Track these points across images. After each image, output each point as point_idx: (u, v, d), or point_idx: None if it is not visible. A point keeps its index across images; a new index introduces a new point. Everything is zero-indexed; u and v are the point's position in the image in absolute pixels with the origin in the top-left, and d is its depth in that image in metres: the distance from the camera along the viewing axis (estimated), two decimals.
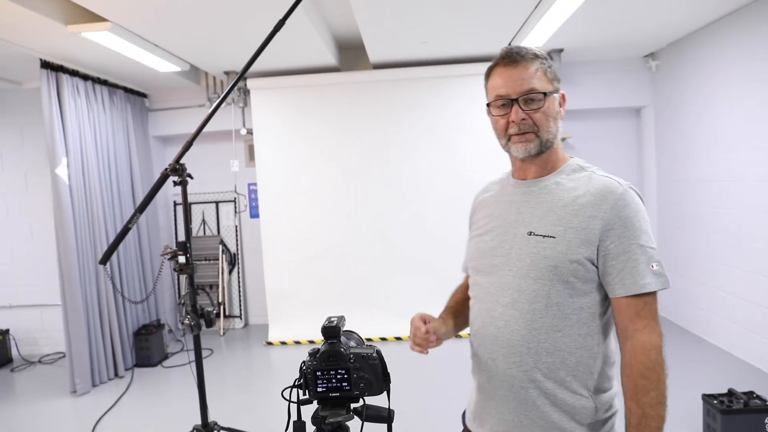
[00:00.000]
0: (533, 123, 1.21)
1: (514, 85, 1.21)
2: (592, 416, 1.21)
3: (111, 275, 4.48)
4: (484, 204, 1.41)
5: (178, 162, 2.56)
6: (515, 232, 1.26)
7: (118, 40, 3.57)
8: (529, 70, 1.21)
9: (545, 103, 1.22)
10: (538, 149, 1.24)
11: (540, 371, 1.20)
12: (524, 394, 1.21)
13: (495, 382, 1.26)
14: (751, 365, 3.92)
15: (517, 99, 1.21)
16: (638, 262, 1.15)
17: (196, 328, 2.59)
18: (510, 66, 1.23)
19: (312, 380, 1.14)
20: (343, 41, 4.97)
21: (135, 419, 3.63)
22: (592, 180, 1.24)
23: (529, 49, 1.24)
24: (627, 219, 1.17)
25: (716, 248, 4.35)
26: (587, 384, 1.21)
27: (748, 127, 3.88)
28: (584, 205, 1.19)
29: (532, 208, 1.26)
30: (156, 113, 5.61)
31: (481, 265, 1.32)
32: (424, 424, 3.16)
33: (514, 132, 1.23)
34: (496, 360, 1.25)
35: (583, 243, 1.17)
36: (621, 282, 1.16)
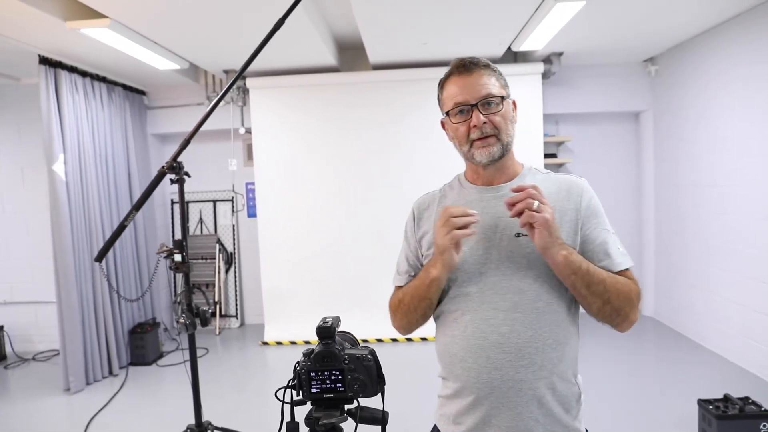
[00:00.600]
0: (494, 126, 1.27)
1: (472, 91, 1.27)
2: (577, 401, 1.28)
3: (107, 273, 4.46)
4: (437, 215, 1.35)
5: (175, 160, 2.55)
6: (500, 236, 1.26)
7: (117, 37, 3.57)
8: (484, 77, 1.28)
9: (503, 106, 1.28)
10: (500, 152, 1.28)
11: (546, 369, 1.22)
12: (532, 394, 1.21)
13: (500, 390, 1.22)
14: (746, 371, 3.91)
15: (476, 104, 1.26)
16: (610, 245, 1.27)
17: (191, 327, 2.58)
18: (465, 74, 1.29)
19: (306, 381, 1.13)
20: (343, 41, 4.96)
21: (129, 418, 3.61)
22: (553, 179, 1.33)
23: (481, 59, 1.31)
24: (595, 207, 1.29)
25: (713, 253, 4.35)
26: (574, 370, 1.29)
27: (747, 132, 3.89)
28: (559, 200, 1.27)
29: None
30: (155, 111, 5.60)
31: (466, 274, 1.27)
32: (418, 427, 3.15)
33: (476, 137, 1.27)
34: (502, 368, 1.21)
35: (569, 234, 1.25)
36: (600, 264, 1.24)
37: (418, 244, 1.42)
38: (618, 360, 4.31)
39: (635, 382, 3.91)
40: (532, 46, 4.38)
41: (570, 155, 5.59)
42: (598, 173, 5.59)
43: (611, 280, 1.20)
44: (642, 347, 4.74)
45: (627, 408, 3.45)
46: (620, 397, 3.62)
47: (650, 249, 5.48)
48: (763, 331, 3.76)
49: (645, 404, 3.49)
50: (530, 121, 5.00)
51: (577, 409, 1.27)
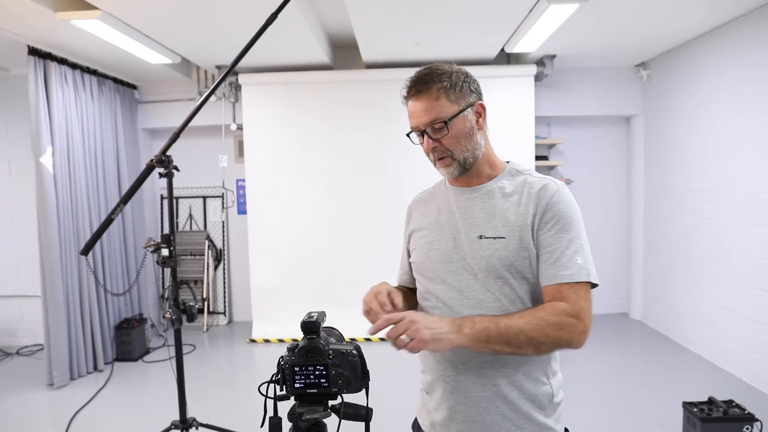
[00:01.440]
0: (445, 148, 1.27)
1: (420, 117, 1.27)
2: (550, 400, 1.27)
3: (94, 267, 4.42)
4: (422, 214, 1.43)
5: (164, 153, 2.52)
6: (465, 236, 1.29)
7: (108, 29, 3.53)
8: (430, 100, 1.25)
9: (449, 128, 1.26)
10: (459, 170, 1.30)
11: (511, 366, 1.24)
12: (496, 390, 1.24)
13: (465, 385, 1.26)
14: (731, 375, 3.95)
15: (425, 131, 1.27)
16: (563, 254, 1.20)
17: (178, 323, 2.56)
18: (414, 98, 1.28)
19: (290, 376, 1.12)
20: (336, 39, 4.95)
21: (112, 414, 3.57)
22: (528, 182, 1.30)
23: (433, 74, 1.26)
24: (559, 213, 1.23)
25: (700, 258, 4.38)
26: (545, 370, 1.28)
27: (735, 139, 3.92)
28: (524, 204, 1.26)
29: (479, 212, 1.30)
30: (145, 105, 5.55)
31: (434, 272, 1.33)
32: (403, 426, 3.15)
33: (433, 159, 1.31)
34: (468, 363, 1.25)
35: (530, 239, 1.24)
36: (545, 272, 1.22)
37: (407, 241, 1.48)
38: (605, 362, 4.33)
39: (622, 384, 3.93)
40: (525, 48, 4.39)
41: (561, 158, 5.61)
42: (588, 176, 5.62)
43: (531, 325, 1.14)
44: (629, 350, 4.76)
45: (612, 409, 3.46)
46: (606, 399, 3.63)
47: (639, 253, 5.51)
48: (748, 335, 3.79)
49: (630, 406, 3.51)
50: (522, 123, 5.01)
51: (551, 408, 1.27)
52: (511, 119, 4.93)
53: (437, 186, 1.48)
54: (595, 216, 5.50)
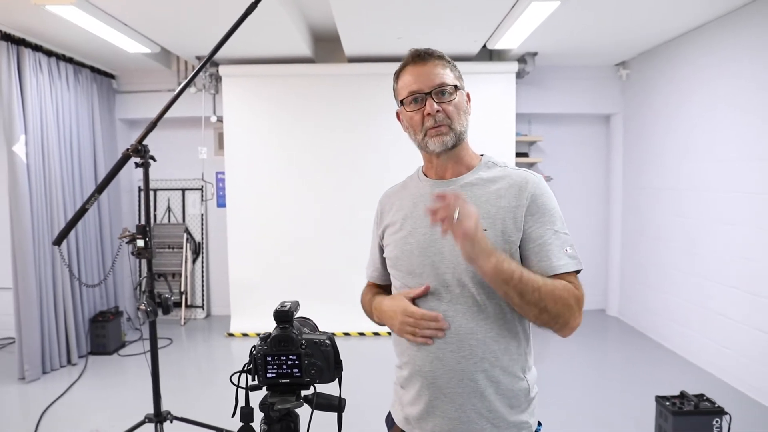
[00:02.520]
0: (446, 115, 1.27)
1: (426, 80, 1.27)
2: (527, 396, 1.28)
3: (69, 259, 4.33)
4: (397, 208, 1.40)
5: (140, 143, 2.47)
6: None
7: (85, 15, 3.46)
8: (438, 67, 1.29)
9: (456, 96, 1.28)
10: (454, 141, 1.28)
11: (488, 361, 1.23)
12: (473, 386, 1.23)
13: (442, 381, 1.24)
14: (702, 369, 4.03)
15: (430, 92, 1.27)
16: (552, 245, 1.22)
17: (153, 315, 2.51)
18: (420, 64, 1.29)
19: (262, 365, 1.11)
20: (318, 32, 4.92)
21: (85, 408, 3.52)
22: (507, 173, 1.31)
23: (435, 50, 1.32)
24: (543, 206, 1.25)
25: (674, 256, 4.46)
26: (522, 365, 1.28)
27: (711, 139, 3.99)
28: (506, 197, 1.26)
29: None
30: (124, 95, 5.46)
31: (412, 266, 1.30)
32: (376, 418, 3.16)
33: (430, 125, 1.27)
34: (444, 358, 1.24)
35: (513, 231, 1.24)
36: (538, 264, 1.22)
37: (380, 238, 1.46)
38: (580, 358, 4.38)
39: (597, 380, 3.98)
40: (507, 44, 4.41)
41: (541, 155, 5.66)
42: (568, 174, 5.67)
43: (547, 287, 1.15)
44: (605, 346, 4.83)
45: (587, 404, 3.51)
46: (580, 394, 3.68)
47: (616, 250, 5.59)
48: (719, 331, 3.87)
49: (605, 401, 3.56)
50: (503, 120, 5.04)
51: (526, 403, 1.28)
52: (493, 115, 4.95)
53: (409, 179, 1.46)
54: (573, 213, 5.56)
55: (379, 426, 1.52)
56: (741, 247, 3.66)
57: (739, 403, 3.37)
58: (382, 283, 1.52)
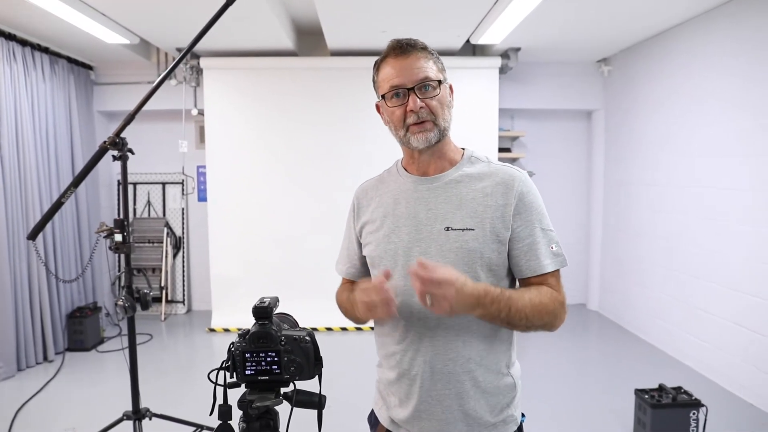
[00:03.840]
0: (430, 111, 1.22)
1: (409, 74, 1.21)
2: (513, 391, 1.28)
3: (45, 254, 4.24)
4: (376, 205, 1.35)
5: (118, 135, 2.42)
6: (430, 229, 1.24)
7: (60, 4, 3.37)
8: (421, 60, 1.23)
9: (440, 90, 1.23)
10: (437, 137, 1.24)
11: (474, 361, 1.22)
12: (460, 387, 1.22)
13: (429, 383, 1.23)
14: (681, 362, 4.09)
15: (413, 88, 1.21)
16: (540, 244, 1.23)
17: (131, 310, 2.47)
18: (402, 57, 1.23)
19: (240, 362, 1.09)
20: (301, 25, 4.87)
21: (62, 406, 3.45)
22: (492, 169, 1.28)
23: (418, 41, 1.26)
24: (530, 204, 1.24)
25: (653, 251, 4.52)
26: (506, 361, 1.28)
27: (691, 135, 4.04)
28: (493, 195, 1.23)
29: (443, 203, 1.25)
30: (102, 87, 5.35)
31: (395, 266, 1.26)
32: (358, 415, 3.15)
33: (412, 121, 1.22)
34: (431, 361, 1.22)
35: (500, 230, 1.22)
36: (527, 263, 1.22)
37: (358, 234, 1.40)
38: (561, 352, 4.42)
39: (577, 374, 4.02)
40: (490, 39, 4.41)
41: (524, 150, 5.68)
42: (550, 169, 5.71)
43: (534, 308, 1.16)
44: (585, 340, 4.88)
45: (567, 398, 3.54)
46: (561, 388, 3.71)
47: (597, 245, 5.65)
48: (698, 325, 3.93)
49: (585, 394, 3.60)
50: (486, 115, 5.05)
51: (511, 397, 1.28)
52: (476, 111, 4.95)
53: (387, 174, 1.40)
54: (555, 208, 5.59)
55: (361, 423, 1.51)
56: (720, 242, 3.71)
57: (715, 396, 3.44)
58: (358, 281, 1.45)
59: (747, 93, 3.45)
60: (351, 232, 1.44)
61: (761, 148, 3.34)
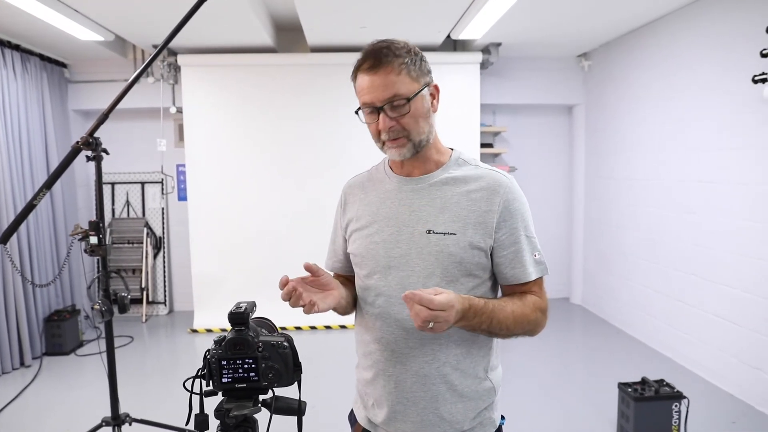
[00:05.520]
0: (402, 127, 1.18)
1: (377, 93, 1.16)
2: (491, 396, 1.27)
3: (20, 257, 4.14)
4: (361, 203, 1.34)
5: (91, 135, 2.36)
6: (411, 231, 1.22)
7: (31, 1, 3.27)
8: (391, 75, 1.16)
9: (411, 106, 1.17)
10: (412, 152, 1.21)
11: (450, 364, 1.22)
12: (436, 391, 1.21)
13: (405, 385, 1.22)
14: (663, 355, 4.13)
15: (382, 107, 1.17)
16: (525, 252, 1.22)
17: (107, 314, 2.42)
18: (371, 72, 1.17)
19: (217, 370, 1.06)
20: (280, 21, 4.80)
21: (40, 411, 3.38)
22: (479, 173, 1.25)
23: (391, 48, 1.18)
24: (515, 211, 1.22)
25: (636, 244, 4.55)
26: (485, 366, 1.27)
27: (670, 129, 4.07)
28: (477, 200, 1.21)
29: (426, 205, 1.23)
30: (77, 85, 5.24)
31: (376, 266, 1.26)
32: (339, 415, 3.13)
33: (385, 138, 1.20)
34: (407, 363, 1.22)
35: (483, 236, 1.20)
36: (512, 271, 1.22)
37: (344, 230, 1.39)
38: (544, 346, 4.44)
39: (561, 368, 4.05)
40: (471, 35, 4.40)
41: (506, 145, 5.69)
42: (532, 164, 5.72)
43: (514, 320, 1.17)
44: (568, 334, 4.91)
45: (550, 392, 3.56)
46: (544, 382, 3.73)
47: (579, 239, 5.68)
48: (680, 317, 3.97)
49: (568, 388, 3.62)
50: (468, 111, 5.03)
51: (489, 401, 1.27)
52: (457, 106, 4.94)
53: (375, 171, 1.38)
54: (537, 204, 5.61)
55: (343, 421, 1.49)
56: (700, 235, 3.75)
57: (697, 387, 3.48)
58: (345, 274, 1.45)
59: (725, 87, 3.48)
60: (338, 226, 1.43)
61: (739, 142, 3.37)
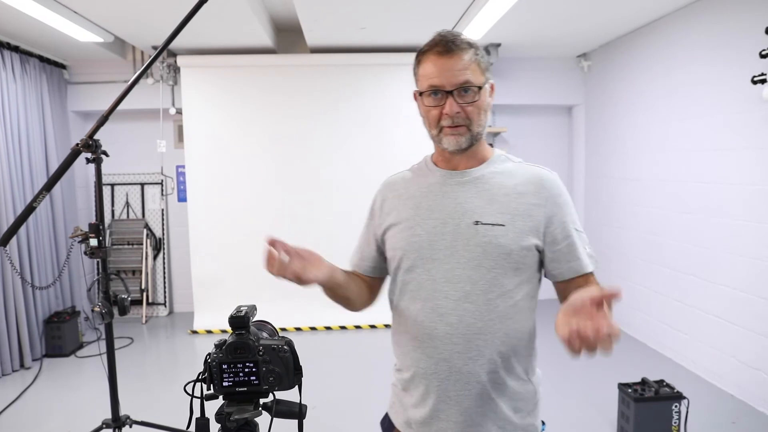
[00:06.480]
0: (466, 116, 1.18)
1: (450, 76, 1.16)
2: (534, 398, 1.27)
3: (20, 259, 4.13)
4: (402, 204, 1.31)
5: (91, 137, 2.36)
6: (457, 222, 1.21)
7: (30, 2, 3.27)
8: (464, 61, 1.16)
9: (479, 96, 1.18)
10: (469, 142, 1.21)
11: (495, 362, 1.19)
12: (480, 389, 1.19)
13: (448, 383, 1.19)
14: (663, 355, 4.14)
15: (452, 91, 1.16)
16: (577, 245, 1.22)
17: (108, 316, 2.42)
18: (444, 55, 1.17)
19: (217, 374, 1.06)
20: (280, 22, 4.81)
21: (40, 413, 3.38)
22: (524, 168, 1.26)
23: (463, 38, 1.19)
24: (564, 205, 1.23)
25: (635, 244, 4.56)
26: (526, 367, 1.25)
27: (666, 130, 4.07)
28: (525, 194, 1.21)
29: (474, 197, 1.22)
30: (76, 86, 5.23)
31: (418, 258, 1.23)
32: (343, 418, 3.12)
33: (446, 124, 1.19)
34: (450, 359, 1.19)
35: (531, 230, 1.19)
36: (568, 265, 1.21)
37: (379, 229, 1.35)
38: (544, 346, 4.40)
39: (560, 369, 4.04)
40: (470, 35, 4.38)
41: (506, 146, 5.69)
42: None
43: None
44: None
45: (550, 393, 3.55)
46: (544, 382, 3.72)
47: None
48: (679, 317, 3.97)
49: (568, 388, 3.61)
50: None
51: (532, 405, 1.26)
52: None
53: (417, 169, 1.36)
54: None
55: (343, 422, 1.49)
56: (700, 235, 3.75)
57: (696, 387, 3.48)
58: (362, 273, 1.41)
59: (724, 87, 3.48)
60: (370, 225, 1.40)
61: (739, 142, 3.37)
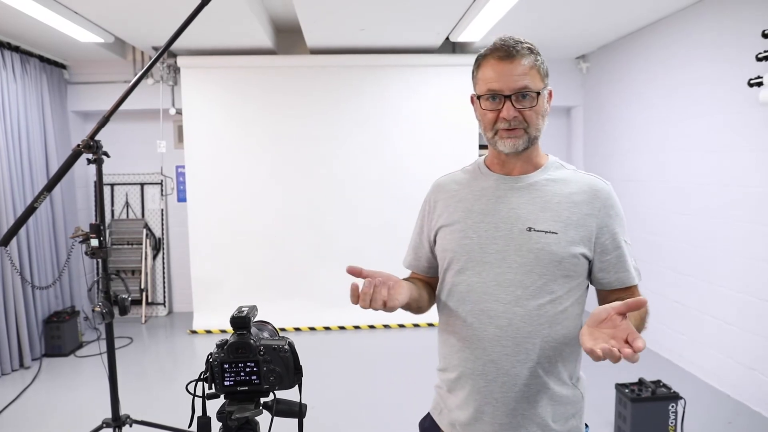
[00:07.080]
0: (523, 119, 1.19)
1: (509, 81, 1.18)
2: (579, 404, 1.28)
3: (20, 259, 4.15)
4: (454, 207, 1.31)
5: (92, 138, 2.37)
6: (510, 227, 1.22)
7: (30, 2, 3.28)
8: (523, 66, 1.18)
9: (537, 101, 1.20)
10: (525, 145, 1.22)
11: (542, 366, 1.20)
12: (526, 391, 1.20)
13: (495, 385, 1.21)
14: (660, 356, 4.16)
15: (510, 96, 1.18)
16: (626, 257, 1.25)
17: (108, 316, 2.43)
18: (505, 60, 1.18)
19: (219, 373, 1.07)
20: (280, 23, 4.82)
21: (40, 413, 3.39)
22: (578, 177, 1.28)
23: (524, 43, 1.21)
24: (615, 216, 1.25)
25: (634, 245, 4.56)
26: (572, 373, 1.26)
27: (665, 131, 4.09)
28: (578, 203, 1.22)
29: (527, 203, 1.23)
30: (76, 87, 5.25)
31: (469, 261, 1.24)
32: (342, 418, 3.13)
33: (503, 127, 1.20)
34: (498, 361, 1.20)
35: (583, 239, 1.21)
36: (616, 275, 1.25)
37: (431, 229, 1.36)
38: None
39: None
40: (470, 37, 4.41)
41: None
42: None
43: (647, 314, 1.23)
44: None
45: None
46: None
47: None
48: (675, 318, 3.99)
49: None
50: (467, 113, 5.01)
51: (576, 408, 1.27)
52: (456, 109, 4.94)
53: (469, 171, 1.37)
54: None
55: (343, 422, 1.50)
56: (697, 237, 3.77)
57: (693, 388, 3.50)
58: (421, 275, 1.44)
59: (722, 89, 3.50)
60: (423, 226, 1.41)
61: (737, 144, 3.39)
